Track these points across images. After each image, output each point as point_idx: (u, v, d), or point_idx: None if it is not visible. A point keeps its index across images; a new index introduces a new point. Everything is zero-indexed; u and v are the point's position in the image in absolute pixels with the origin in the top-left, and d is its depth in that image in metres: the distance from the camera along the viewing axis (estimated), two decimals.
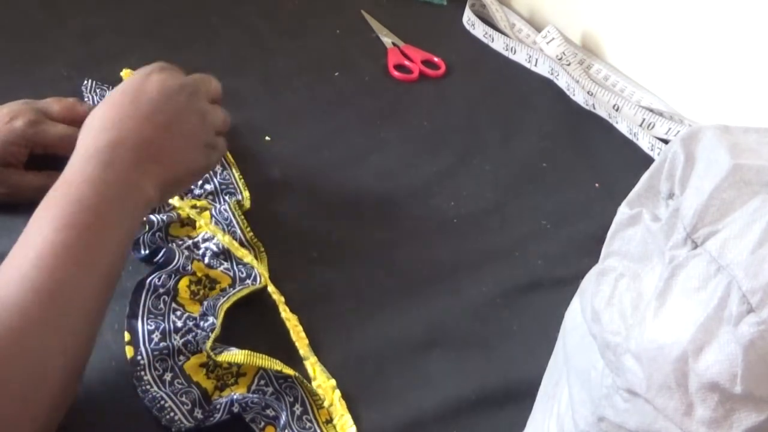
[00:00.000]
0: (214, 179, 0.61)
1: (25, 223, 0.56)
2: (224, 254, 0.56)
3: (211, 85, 0.55)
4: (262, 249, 0.57)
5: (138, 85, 0.49)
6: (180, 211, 0.57)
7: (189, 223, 0.57)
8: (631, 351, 0.32)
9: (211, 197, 0.60)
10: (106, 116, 0.47)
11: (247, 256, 0.55)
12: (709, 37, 0.74)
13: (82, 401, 0.46)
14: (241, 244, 0.56)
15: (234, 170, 0.62)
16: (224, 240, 0.55)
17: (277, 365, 0.48)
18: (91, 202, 0.42)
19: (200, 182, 0.60)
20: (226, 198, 0.60)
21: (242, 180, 0.62)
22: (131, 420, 0.46)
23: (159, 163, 0.47)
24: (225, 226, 0.57)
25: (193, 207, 0.58)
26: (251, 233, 0.58)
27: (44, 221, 0.41)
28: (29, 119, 0.53)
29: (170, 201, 0.57)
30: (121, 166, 0.45)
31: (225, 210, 0.58)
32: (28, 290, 0.38)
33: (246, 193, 0.61)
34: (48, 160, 0.55)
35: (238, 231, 0.57)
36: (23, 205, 0.56)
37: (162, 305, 0.51)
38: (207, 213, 0.58)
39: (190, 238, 0.56)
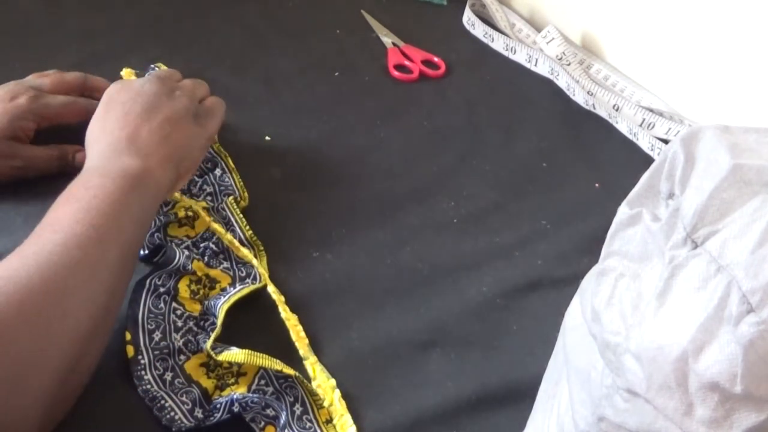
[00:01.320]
0: (214, 182, 0.61)
1: (24, 222, 0.56)
2: (224, 254, 0.56)
3: (176, 76, 0.60)
4: (262, 248, 0.58)
5: (113, 94, 0.54)
6: (178, 211, 0.57)
7: (187, 224, 0.57)
8: (631, 351, 0.32)
9: (210, 198, 0.60)
10: (98, 127, 0.52)
11: (248, 256, 0.55)
12: (709, 37, 0.74)
13: (83, 400, 0.46)
14: (241, 242, 0.56)
15: (234, 175, 0.62)
16: (226, 239, 0.55)
17: (277, 365, 0.48)
18: (107, 190, 0.45)
19: (199, 183, 0.60)
20: (224, 198, 0.60)
21: (241, 183, 0.62)
22: (131, 419, 0.46)
23: (163, 145, 0.51)
24: (224, 225, 0.57)
25: (190, 207, 0.58)
26: (250, 231, 0.58)
27: (63, 212, 0.44)
28: (31, 95, 0.56)
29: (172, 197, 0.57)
30: (126, 160, 0.49)
31: (223, 209, 0.58)
32: (49, 262, 0.41)
33: (245, 195, 0.61)
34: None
35: (237, 229, 0.57)
36: (23, 206, 0.57)
37: (162, 305, 0.51)
38: (205, 212, 0.58)
39: (188, 238, 0.56)
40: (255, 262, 0.55)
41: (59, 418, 0.42)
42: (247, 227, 0.58)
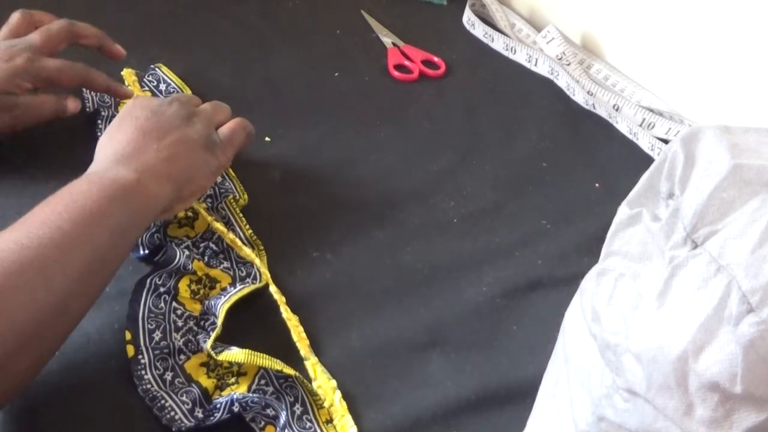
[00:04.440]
0: (215, 186, 0.61)
1: (15, 218, 0.56)
2: (224, 253, 0.56)
3: (196, 101, 0.60)
4: (262, 247, 0.58)
5: (130, 108, 0.54)
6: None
7: (187, 224, 0.57)
8: (631, 351, 0.32)
9: (210, 200, 0.60)
10: (107, 142, 0.52)
11: (250, 255, 0.55)
12: (709, 37, 0.74)
13: (83, 400, 0.46)
14: (241, 241, 0.56)
15: (235, 182, 0.62)
16: (228, 237, 0.55)
17: (277, 365, 0.48)
18: (90, 196, 0.46)
19: None
20: (223, 199, 0.60)
21: (241, 187, 0.62)
22: (131, 419, 0.46)
23: (167, 164, 0.51)
24: (224, 225, 0.57)
25: (191, 208, 0.58)
26: (250, 231, 0.58)
27: (39, 211, 0.45)
28: (27, 56, 0.58)
29: None
30: (123, 171, 0.49)
31: (222, 208, 0.58)
32: (14, 245, 0.42)
33: (244, 195, 0.61)
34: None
35: (237, 229, 0.57)
36: (23, 206, 0.56)
37: (162, 304, 0.51)
38: (204, 212, 0.58)
39: (188, 238, 0.56)
40: (257, 261, 0.55)
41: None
42: (247, 226, 0.58)
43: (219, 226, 0.56)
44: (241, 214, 0.58)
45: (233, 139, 0.58)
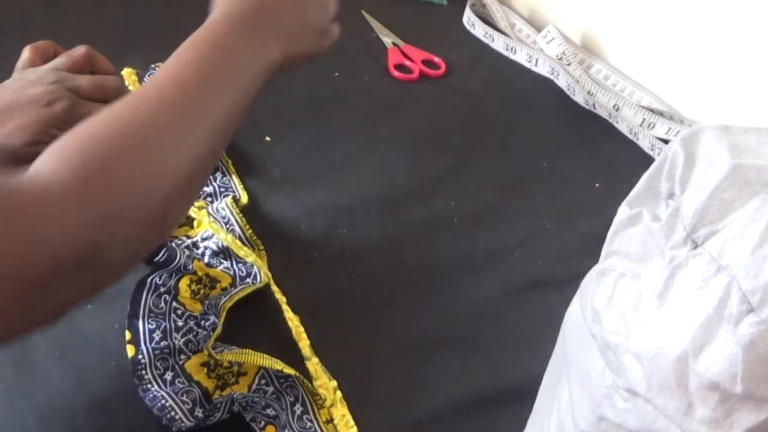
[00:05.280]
0: (214, 183, 0.61)
1: None
2: (223, 253, 0.56)
3: None
4: (262, 247, 0.58)
5: None
6: None
7: (186, 223, 0.57)
8: (631, 351, 0.32)
9: (209, 199, 0.60)
10: None
11: (249, 256, 0.55)
12: (709, 37, 0.74)
13: (83, 400, 0.46)
14: (241, 241, 0.56)
15: (234, 177, 0.62)
16: (226, 239, 0.55)
17: (277, 365, 0.48)
18: (227, 48, 0.48)
19: None
20: (223, 198, 0.60)
21: (241, 186, 0.62)
22: (132, 419, 0.46)
23: (286, 33, 0.52)
24: (223, 225, 0.57)
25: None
26: (250, 231, 0.58)
27: (185, 55, 0.46)
28: (68, 104, 0.54)
29: None
30: (256, 29, 0.50)
31: (222, 208, 0.58)
32: (158, 99, 0.42)
33: (244, 195, 0.61)
34: None
35: (237, 228, 0.57)
36: None
37: (163, 304, 0.51)
38: (204, 212, 0.58)
39: (188, 237, 0.56)
40: (258, 262, 0.55)
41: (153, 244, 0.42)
42: (247, 226, 0.58)
43: (215, 228, 0.56)
44: (241, 214, 0.58)
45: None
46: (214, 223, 0.56)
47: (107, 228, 0.36)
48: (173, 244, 0.54)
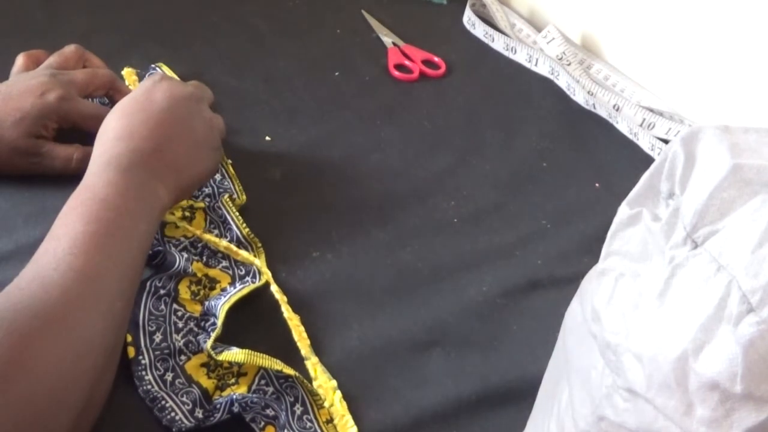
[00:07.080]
0: (213, 185, 0.61)
1: (24, 223, 0.56)
2: (222, 252, 0.56)
3: (208, 93, 0.59)
4: (260, 245, 0.57)
5: (147, 94, 0.52)
6: (175, 211, 0.57)
7: (185, 221, 0.57)
8: (631, 351, 0.32)
9: (208, 199, 0.60)
10: (120, 125, 0.50)
11: (248, 258, 0.55)
12: (709, 37, 0.74)
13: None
14: (238, 241, 0.56)
15: (234, 181, 0.62)
16: (221, 246, 0.55)
17: (277, 365, 0.48)
18: (114, 201, 0.45)
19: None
20: (221, 197, 0.60)
21: (241, 188, 0.62)
22: (132, 419, 0.46)
23: (171, 169, 0.50)
24: (220, 224, 0.57)
25: (190, 207, 0.58)
26: (247, 229, 0.58)
27: (72, 217, 0.43)
28: (61, 95, 0.55)
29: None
30: (137, 171, 0.47)
31: (219, 207, 0.58)
32: (67, 271, 0.40)
33: (243, 195, 0.61)
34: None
35: (234, 228, 0.57)
36: (23, 206, 0.57)
37: (163, 306, 0.51)
38: (201, 212, 0.58)
39: (186, 238, 0.56)
40: (257, 262, 0.55)
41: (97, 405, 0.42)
42: (244, 225, 0.58)
43: (210, 238, 0.55)
44: (237, 213, 0.58)
45: (221, 127, 0.58)
46: (209, 233, 0.56)
47: None
48: (172, 248, 0.54)
